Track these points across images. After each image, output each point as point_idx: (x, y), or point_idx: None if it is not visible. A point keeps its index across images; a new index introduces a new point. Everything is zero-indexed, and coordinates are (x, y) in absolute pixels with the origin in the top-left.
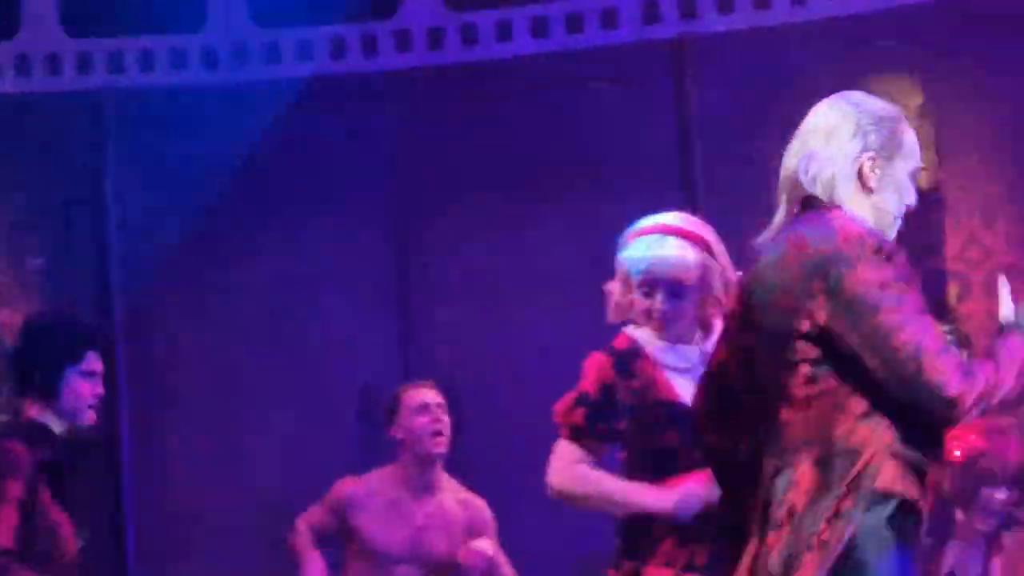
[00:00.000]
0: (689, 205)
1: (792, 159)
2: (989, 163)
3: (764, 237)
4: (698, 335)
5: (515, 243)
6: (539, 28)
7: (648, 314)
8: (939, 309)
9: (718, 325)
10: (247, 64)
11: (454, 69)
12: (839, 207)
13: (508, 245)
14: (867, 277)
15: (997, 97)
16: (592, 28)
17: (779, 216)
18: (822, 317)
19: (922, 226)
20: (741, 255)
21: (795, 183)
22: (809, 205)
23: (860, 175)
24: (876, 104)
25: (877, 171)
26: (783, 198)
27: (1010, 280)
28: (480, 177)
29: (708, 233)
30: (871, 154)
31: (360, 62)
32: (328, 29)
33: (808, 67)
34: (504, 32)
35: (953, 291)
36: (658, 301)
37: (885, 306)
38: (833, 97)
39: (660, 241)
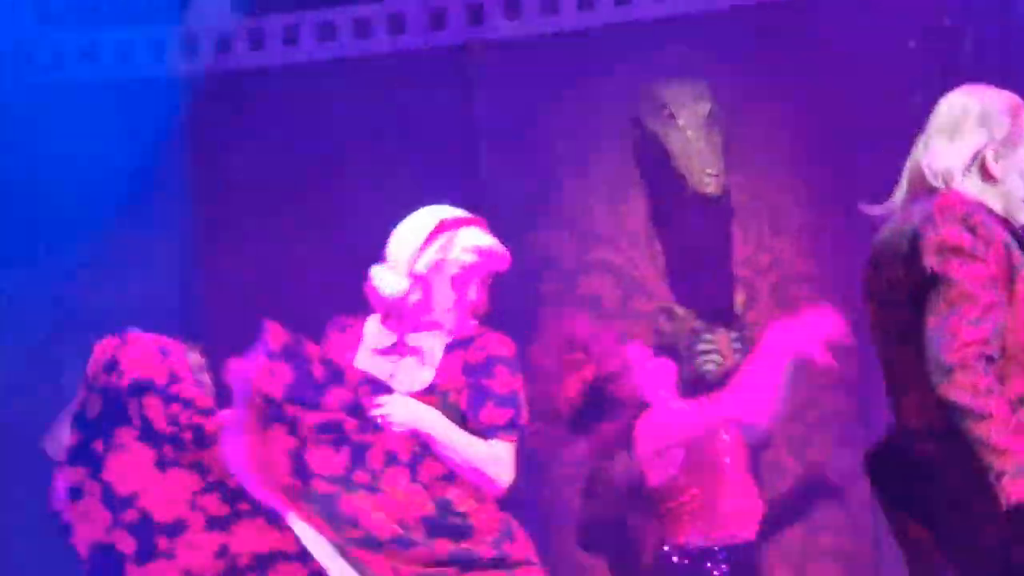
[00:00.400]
0: (475, 209)
1: (918, 153)
2: (778, 170)
3: (881, 210)
4: (450, 326)
5: (303, 246)
6: (326, 33)
7: (463, 305)
8: (725, 316)
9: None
10: (32, 66)
11: (242, 73)
12: (954, 191)
13: (295, 248)
14: (942, 239)
15: (786, 103)
16: (379, 33)
17: (898, 196)
18: (915, 277)
19: (710, 232)
20: (526, 259)
21: (919, 175)
22: (932, 195)
23: (984, 166)
24: (997, 96)
25: (1001, 160)
26: (905, 185)
27: (798, 287)
28: (267, 181)
29: None
30: (995, 145)
31: (148, 66)
32: (114, 32)
33: (595, 72)
34: (291, 37)
35: (740, 298)
36: (472, 292)
37: (948, 267)
38: (957, 91)
39: (482, 234)
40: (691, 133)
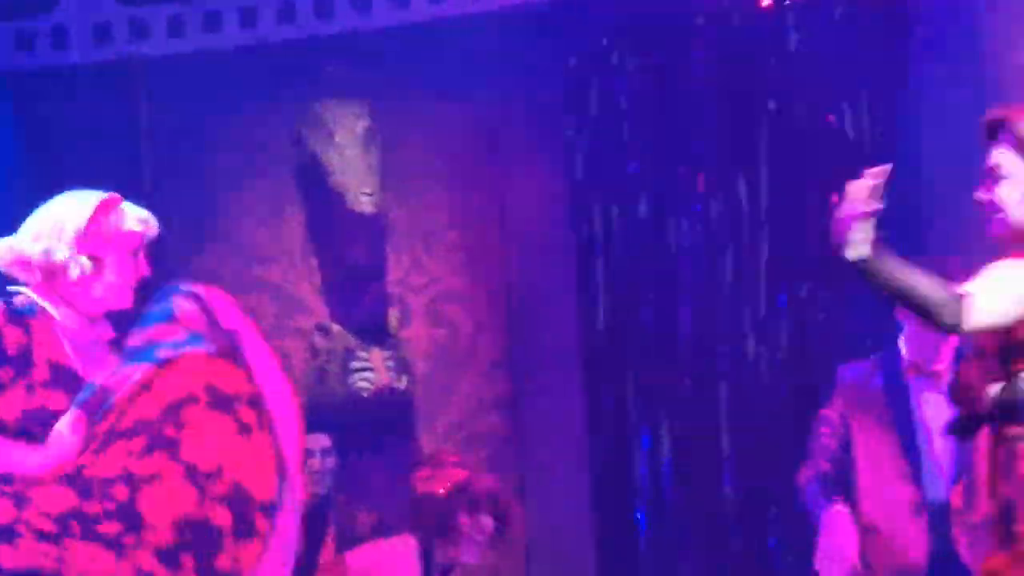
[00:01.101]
0: None
1: None
2: (433, 188)
3: None
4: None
5: None
6: None
7: (134, 277)
8: (379, 334)
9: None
10: None
11: None
12: None
13: None
14: None
15: (442, 122)
16: (44, 47)
17: None
18: None
19: (366, 250)
20: (187, 277)
21: None
22: None
23: None
24: None
25: None
26: None
27: (448, 305)
28: None
29: None
30: None
31: None
32: None
33: (259, 89)
34: None
35: (394, 316)
36: (142, 265)
37: None
38: None
39: (137, 207)
40: (349, 152)
